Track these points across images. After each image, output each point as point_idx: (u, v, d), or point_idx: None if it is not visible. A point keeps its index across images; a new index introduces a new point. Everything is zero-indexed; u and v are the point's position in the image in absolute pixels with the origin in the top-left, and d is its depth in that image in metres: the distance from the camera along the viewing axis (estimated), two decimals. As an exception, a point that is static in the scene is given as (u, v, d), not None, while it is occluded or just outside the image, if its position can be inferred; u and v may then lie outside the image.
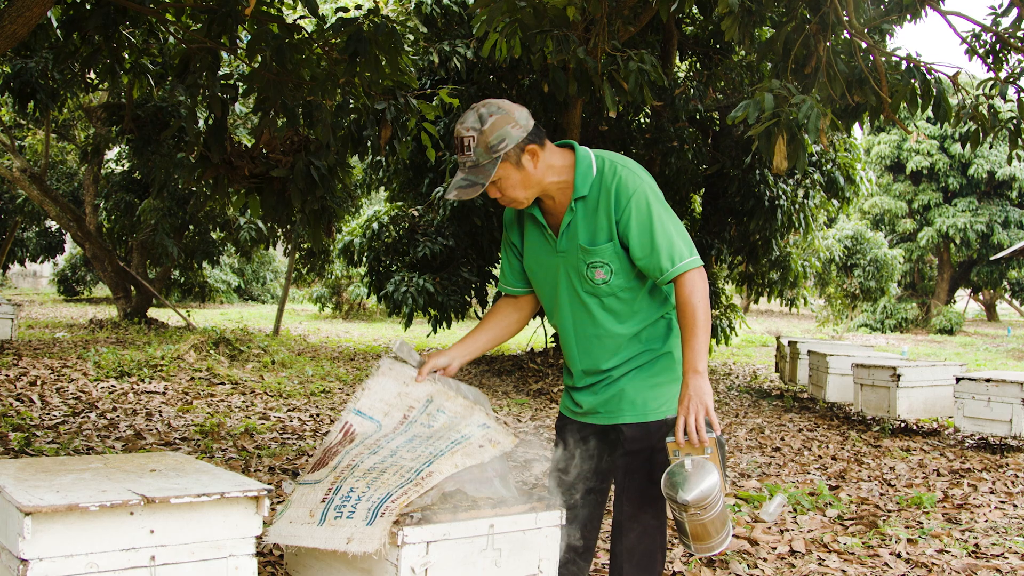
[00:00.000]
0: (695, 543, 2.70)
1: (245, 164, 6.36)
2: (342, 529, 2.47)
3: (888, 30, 7.65)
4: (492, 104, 2.69)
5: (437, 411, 2.67)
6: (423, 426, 2.65)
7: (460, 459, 2.49)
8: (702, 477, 2.58)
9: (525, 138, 2.69)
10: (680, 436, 2.64)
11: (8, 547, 2.07)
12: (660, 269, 2.75)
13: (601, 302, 2.83)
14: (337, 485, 2.54)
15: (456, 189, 2.69)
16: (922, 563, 4.64)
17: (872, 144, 30.48)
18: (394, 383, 2.74)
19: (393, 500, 2.39)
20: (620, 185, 2.74)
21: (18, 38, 4.20)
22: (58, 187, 21.32)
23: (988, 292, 35.66)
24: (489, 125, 2.65)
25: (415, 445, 2.57)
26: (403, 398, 2.71)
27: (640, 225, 2.73)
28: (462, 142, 2.68)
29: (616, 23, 7.19)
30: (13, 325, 12.39)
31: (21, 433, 6.49)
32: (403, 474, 2.45)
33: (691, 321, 2.71)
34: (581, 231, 2.79)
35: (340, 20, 5.82)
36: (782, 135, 5.54)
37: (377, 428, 2.68)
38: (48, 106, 8.89)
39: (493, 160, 2.65)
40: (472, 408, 2.69)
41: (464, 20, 11.35)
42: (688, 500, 2.56)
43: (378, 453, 2.58)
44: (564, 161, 2.80)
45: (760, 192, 12.06)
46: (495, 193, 2.75)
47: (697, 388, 2.65)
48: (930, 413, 9.01)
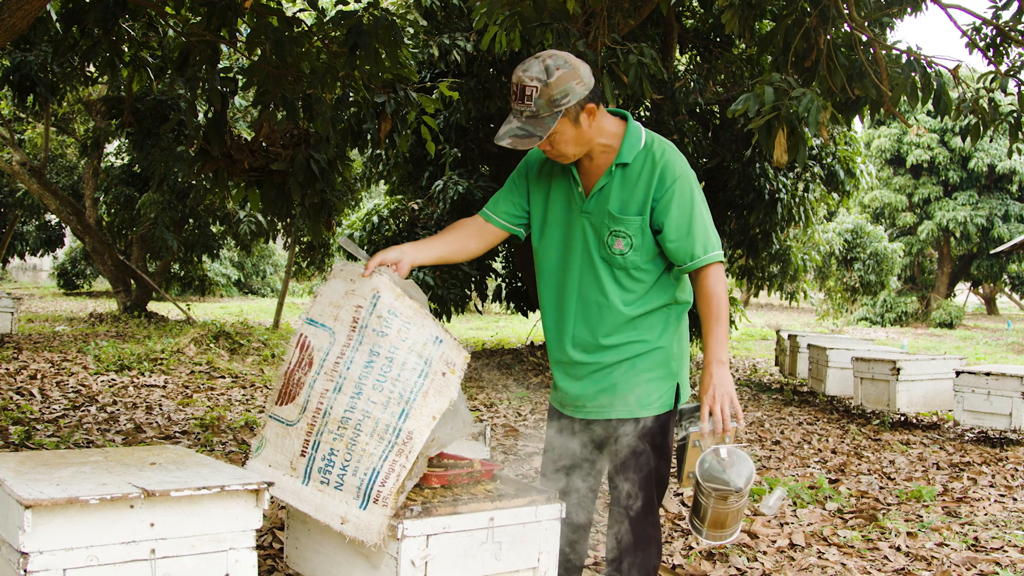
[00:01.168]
0: (711, 530, 2.69)
1: (245, 157, 6.35)
2: (332, 501, 2.49)
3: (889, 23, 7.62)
4: (559, 56, 2.66)
5: (388, 312, 2.55)
6: (377, 333, 2.53)
7: (432, 404, 2.46)
8: (743, 465, 2.60)
9: (587, 96, 2.66)
10: (706, 426, 2.64)
11: (8, 540, 2.08)
12: (692, 254, 2.75)
13: (612, 272, 2.81)
14: (314, 440, 2.55)
15: (511, 137, 2.65)
16: (922, 556, 4.64)
17: (872, 137, 30.44)
18: (342, 283, 2.66)
19: (383, 482, 2.40)
20: (668, 165, 2.74)
21: (17, 31, 4.19)
22: (58, 181, 21.30)
23: (988, 286, 35.66)
24: (556, 78, 2.61)
25: (378, 375, 2.50)
26: (350, 296, 2.61)
27: (680, 208, 2.73)
28: (523, 90, 2.63)
29: (616, 16, 7.18)
30: (13, 319, 12.40)
31: (21, 427, 6.49)
32: (382, 435, 2.44)
33: (716, 311, 2.74)
34: (614, 197, 2.77)
35: (340, 13, 5.81)
36: (782, 128, 5.53)
37: (331, 337, 2.60)
38: (48, 99, 8.87)
39: (554, 114, 2.62)
40: (422, 313, 2.58)
41: (464, 13, 11.32)
42: (741, 487, 2.56)
43: (343, 390, 2.52)
44: (615, 128, 2.79)
45: (760, 185, 12.05)
46: (545, 146, 2.71)
47: (722, 378, 2.67)
48: (930, 407, 9.02)
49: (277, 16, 5.60)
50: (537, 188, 2.93)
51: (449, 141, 11.53)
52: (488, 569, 2.47)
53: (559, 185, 2.88)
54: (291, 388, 2.64)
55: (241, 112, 13.84)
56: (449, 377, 2.50)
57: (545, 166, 2.92)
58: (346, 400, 2.51)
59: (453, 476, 2.63)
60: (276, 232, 17.88)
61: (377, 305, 2.57)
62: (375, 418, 2.46)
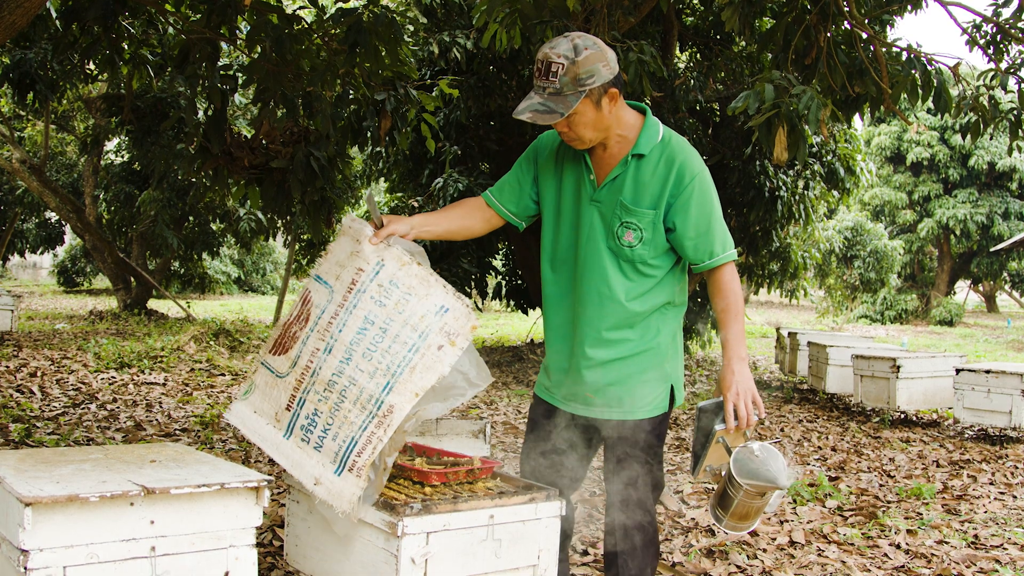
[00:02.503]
0: (733, 521, 2.70)
1: (245, 155, 6.35)
2: (309, 461, 2.52)
3: (889, 21, 7.61)
4: (588, 38, 2.65)
5: (390, 283, 2.53)
6: (375, 302, 2.52)
7: (418, 379, 2.44)
8: (778, 461, 2.62)
9: (611, 80, 2.65)
10: (731, 422, 2.65)
11: (8, 538, 2.08)
12: (710, 252, 2.76)
13: (619, 264, 2.79)
14: (300, 397, 2.56)
15: (532, 112, 2.63)
16: (921, 554, 4.64)
17: (872, 135, 30.42)
18: (349, 241, 2.63)
19: (359, 452, 2.42)
20: (686, 162, 2.73)
21: (17, 28, 4.18)
22: (58, 178, 21.29)
23: (988, 283, 35.66)
24: (584, 57, 2.60)
25: (370, 344, 2.49)
26: (355, 258, 2.58)
27: (700, 206, 2.73)
28: (548, 67, 2.61)
29: (616, 14, 7.17)
30: (13, 316, 12.39)
31: (21, 424, 6.49)
32: (364, 404, 2.45)
33: (733, 307, 2.76)
34: (627, 188, 2.75)
35: (340, 10, 5.80)
36: (782, 126, 5.53)
37: (329, 295, 2.59)
38: (47, 97, 8.86)
39: (578, 93, 2.60)
40: (428, 281, 2.55)
41: (464, 10, 11.31)
42: (785, 484, 2.58)
43: (333, 352, 2.51)
44: (633, 120, 2.79)
45: (760, 183, 12.05)
46: (564, 127, 2.69)
47: (743, 374, 2.69)
48: (930, 404, 9.02)
49: (277, 14, 5.59)
50: (547, 174, 2.91)
51: (449, 139, 11.52)
52: (488, 567, 2.47)
53: (570, 172, 2.85)
54: (286, 340, 2.64)
55: (241, 110, 13.82)
56: (446, 350, 2.47)
57: (557, 152, 2.89)
58: (335, 363, 2.51)
59: (453, 473, 2.63)
60: (276, 230, 17.86)
61: (379, 274, 2.55)
62: (360, 386, 2.47)
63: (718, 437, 2.66)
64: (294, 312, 2.67)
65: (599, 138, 2.74)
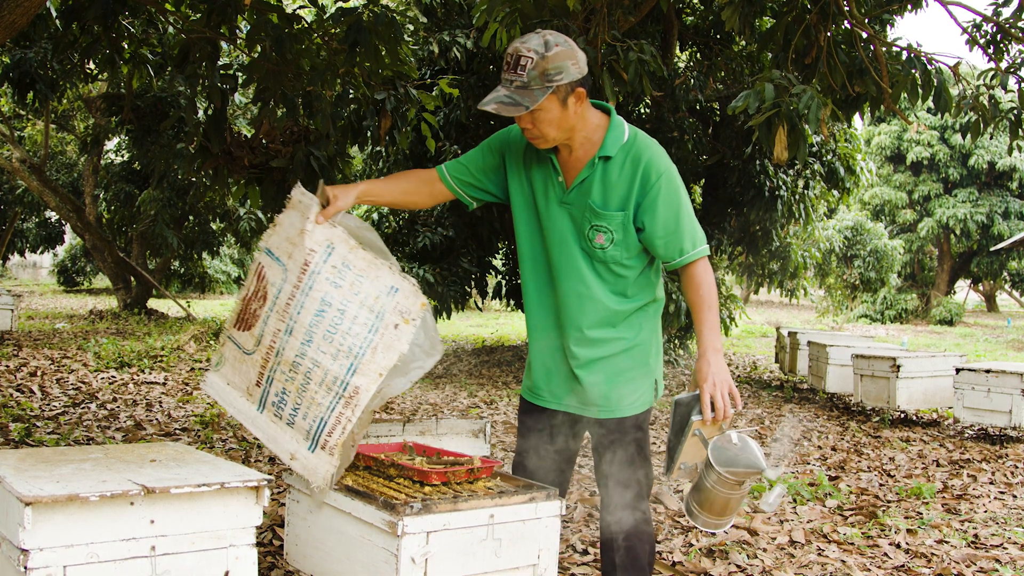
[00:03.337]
0: (710, 516, 2.69)
1: (245, 154, 6.35)
2: (284, 436, 2.59)
3: (889, 20, 7.61)
4: (560, 36, 2.64)
5: (343, 264, 2.55)
6: (331, 283, 2.54)
7: (381, 359, 2.48)
8: (755, 447, 2.61)
9: (579, 80, 2.65)
10: (707, 413, 2.63)
11: (9, 537, 2.08)
12: (680, 250, 2.75)
13: (593, 265, 2.80)
14: (268, 375, 2.61)
15: (497, 103, 2.62)
16: (921, 553, 4.64)
17: (872, 134, 30.42)
18: (298, 217, 2.62)
19: (330, 432, 2.50)
20: (652, 161, 2.72)
21: (17, 28, 4.18)
22: (58, 178, 21.29)
23: (988, 283, 35.66)
24: (553, 53, 2.59)
25: (329, 326, 2.52)
26: (304, 236, 2.58)
27: (667, 205, 2.72)
28: (518, 60, 2.60)
29: (616, 13, 7.17)
30: (13, 316, 12.39)
31: (21, 424, 6.49)
32: (330, 386, 2.49)
33: (707, 300, 2.75)
34: (595, 191, 2.75)
35: (340, 10, 5.80)
36: (783, 125, 5.53)
37: (284, 274, 2.60)
38: (47, 96, 8.86)
39: (544, 88, 2.59)
40: (376, 264, 2.57)
41: (464, 10, 11.31)
42: (766, 467, 2.57)
43: (294, 333, 2.54)
44: (598, 120, 2.77)
45: (760, 182, 12.05)
46: (527, 123, 2.68)
47: (718, 366, 2.68)
48: (930, 404, 9.02)
49: (277, 13, 5.60)
50: (515, 173, 2.89)
51: (449, 138, 11.52)
52: (488, 566, 2.47)
53: (539, 174, 2.84)
54: (248, 316, 2.66)
55: (241, 109, 13.83)
56: (402, 328, 2.50)
57: (525, 153, 2.87)
58: (297, 345, 2.54)
59: (453, 473, 2.63)
60: (276, 229, 17.84)
61: (332, 256, 2.56)
62: (324, 368, 2.50)
63: (694, 429, 2.64)
64: (251, 287, 2.68)
65: (562, 138, 2.73)
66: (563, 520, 4.25)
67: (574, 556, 4.32)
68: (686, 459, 2.68)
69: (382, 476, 2.68)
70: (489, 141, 2.95)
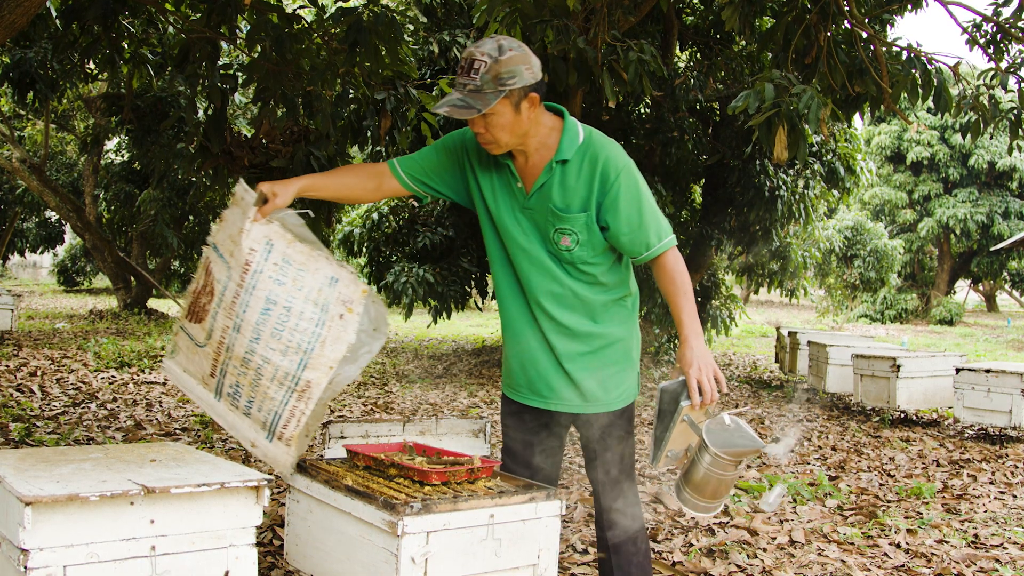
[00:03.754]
0: (703, 500, 2.71)
1: (245, 154, 6.35)
2: (242, 424, 2.63)
3: (889, 20, 7.62)
4: (513, 40, 2.65)
5: (283, 260, 2.55)
6: (274, 281, 2.54)
7: (330, 352, 2.51)
8: (747, 427, 2.65)
9: (533, 84, 2.65)
10: (695, 398, 2.64)
11: (9, 537, 2.08)
12: (647, 244, 2.76)
13: (562, 265, 2.82)
14: (221, 368, 2.62)
15: (449, 106, 2.62)
16: (921, 553, 4.64)
17: (872, 134, 30.42)
18: (240, 215, 2.62)
19: (285, 425, 2.53)
20: (609, 159, 2.72)
21: (17, 28, 4.18)
22: (58, 178, 21.29)
23: (988, 283, 35.65)
24: (507, 57, 2.60)
25: (276, 324, 2.52)
26: (243, 236, 2.57)
27: (628, 201, 2.73)
28: (471, 64, 2.61)
29: (616, 13, 7.16)
30: (13, 316, 12.40)
31: (21, 423, 6.50)
32: (281, 381, 2.51)
33: (681, 287, 2.76)
34: (556, 194, 2.75)
35: (340, 10, 5.80)
36: (783, 125, 5.53)
37: (228, 272, 2.59)
38: (47, 96, 8.87)
39: (497, 92, 2.60)
40: (314, 255, 2.57)
41: (464, 10, 11.31)
42: (763, 445, 2.61)
43: (242, 331, 2.55)
44: (552, 123, 2.77)
45: (760, 182, 12.05)
46: (480, 127, 2.68)
47: (701, 351, 2.70)
48: (930, 404, 9.02)
49: (277, 13, 5.59)
50: (476, 178, 2.89)
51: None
52: (488, 566, 2.47)
53: (499, 179, 2.85)
54: (198, 310, 2.66)
55: (241, 109, 13.83)
56: (347, 318, 2.52)
57: (484, 157, 2.87)
58: (246, 342, 2.55)
59: (453, 473, 2.63)
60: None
61: (272, 253, 2.56)
62: (275, 364, 2.52)
63: (684, 415, 2.66)
64: (200, 281, 2.68)
65: (515, 143, 2.73)
66: (563, 520, 4.25)
67: (574, 556, 4.32)
68: (674, 446, 2.71)
69: (382, 476, 2.68)
70: (443, 142, 2.94)
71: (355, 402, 8.95)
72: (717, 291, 14.03)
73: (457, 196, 2.95)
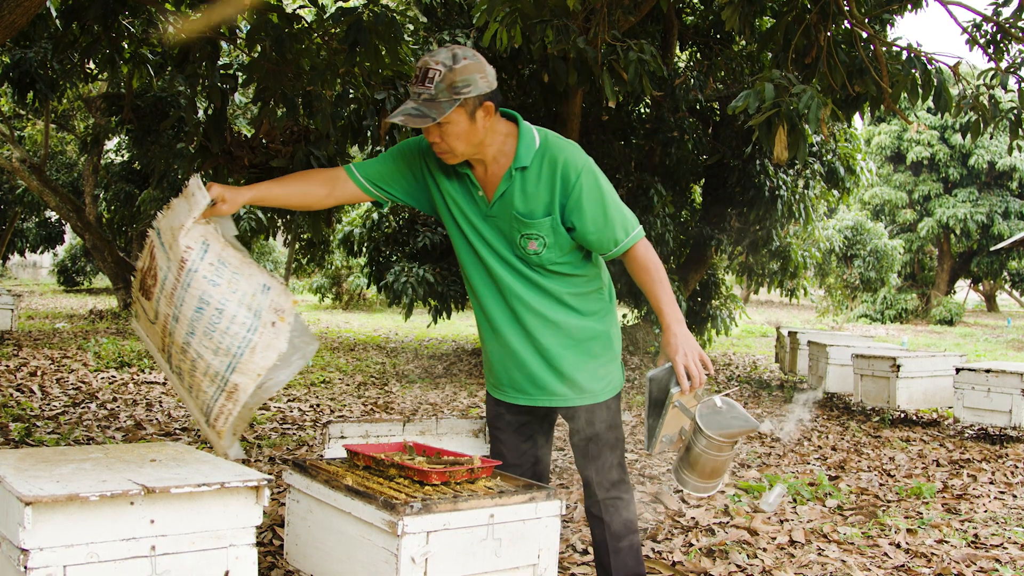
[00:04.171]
0: (701, 480, 2.77)
1: (245, 154, 6.35)
2: (190, 402, 2.68)
3: (889, 20, 7.62)
4: (468, 49, 2.66)
5: (219, 261, 2.55)
6: (208, 282, 2.53)
7: (260, 359, 2.51)
8: (738, 407, 2.70)
9: (488, 93, 2.66)
10: (684, 383, 2.68)
11: (8, 537, 2.08)
12: (615, 240, 2.78)
13: (531, 268, 2.83)
14: (167, 350, 2.65)
15: (404, 115, 2.63)
16: (921, 553, 4.64)
17: (872, 134, 30.42)
18: (186, 211, 2.59)
19: (216, 418, 2.57)
20: (568, 161, 2.73)
21: (17, 28, 4.18)
22: (58, 177, 21.29)
23: (988, 283, 35.65)
24: (461, 66, 2.61)
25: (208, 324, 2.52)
26: (181, 233, 2.55)
27: (592, 200, 2.74)
28: (426, 73, 2.62)
29: (616, 13, 7.17)
30: (13, 316, 12.40)
31: (21, 423, 6.50)
32: (213, 378, 2.54)
33: (656, 276, 2.80)
34: (518, 201, 2.75)
35: (340, 10, 5.80)
36: (783, 125, 5.53)
37: (167, 264, 2.58)
38: (47, 96, 8.87)
39: (452, 100, 2.60)
40: (247, 262, 2.58)
41: (464, 10, 11.31)
42: (757, 424, 2.67)
43: (179, 322, 2.56)
44: (507, 130, 2.78)
45: (760, 182, 12.05)
46: (435, 137, 2.68)
47: (684, 337, 2.74)
48: (930, 403, 9.02)
49: (277, 13, 5.60)
50: (438, 187, 2.89)
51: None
52: (488, 566, 2.47)
53: (460, 187, 2.85)
54: (146, 288, 2.67)
55: (241, 109, 13.82)
56: (279, 326, 2.53)
57: (443, 166, 2.86)
58: (183, 334, 2.57)
59: (453, 473, 2.63)
60: (276, 229, 17.81)
61: (207, 253, 2.56)
62: (207, 361, 2.54)
63: (675, 401, 2.70)
64: (145, 262, 2.68)
65: (471, 153, 2.73)
66: (563, 520, 4.25)
67: (574, 556, 4.32)
68: (668, 431, 2.76)
69: (382, 476, 2.68)
70: (400, 148, 2.93)
71: (355, 402, 8.95)
72: (717, 291, 14.04)
73: (417, 203, 2.95)
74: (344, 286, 26.26)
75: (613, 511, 3.03)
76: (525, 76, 11.13)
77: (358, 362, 12.56)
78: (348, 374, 11.15)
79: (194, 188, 2.62)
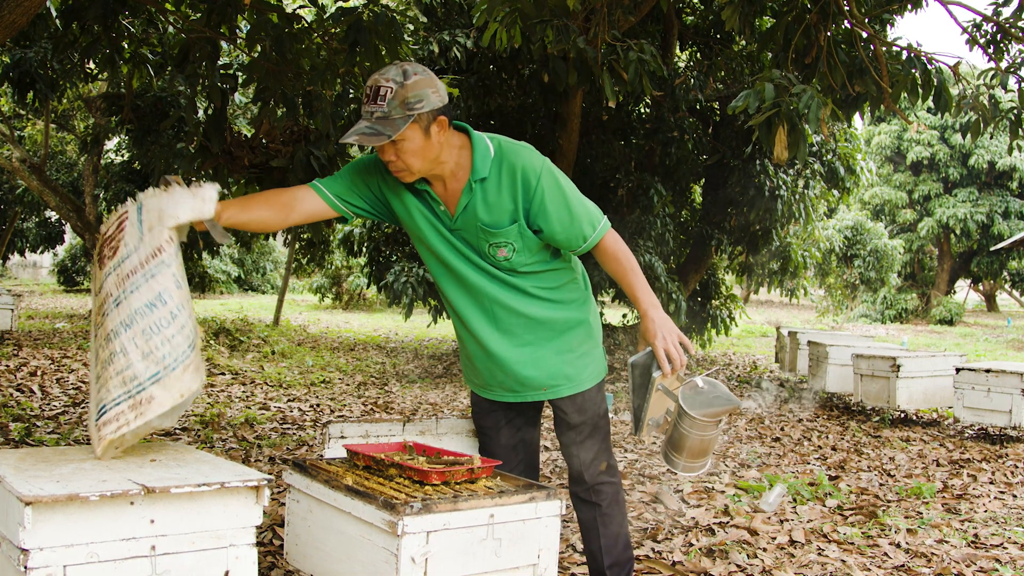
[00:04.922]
0: (689, 460, 2.82)
1: (245, 154, 6.35)
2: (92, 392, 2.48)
3: (889, 20, 7.62)
4: (417, 65, 2.66)
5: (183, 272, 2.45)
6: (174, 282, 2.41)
7: (188, 381, 2.40)
8: (721, 385, 2.75)
9: (440, 108, 2.65)
10: (666, 366, 2.72)
11: (8, 537, 2.08)
12: (583, 237, 2.80)
13: (502, 272, 2.85)
14: (99, 324, 2.46)
15: (358, 135, 2.60)
16: (921, 553, 4.64)
17: (872, 134, 30.43)
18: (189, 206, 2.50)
19: (104, 424, 2.37)
20: (526, 167, 2.73)
21: (17, 27, 4.18)
22: (58, 177, 21.28)
23: (988, 283, 35.63)
24: (412, 81, 2.60)
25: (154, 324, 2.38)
26: (176, 225, 2.46)
27: (555, 201, 2.74)
28: (377, 92, 2.60)
29: (616, 13, 7.17)
30: (13, 316, 12.39)
31: (21, 423, 6.50)
32: (126, 381, 2.38)
33: (627, 265, 2.83)
34: (481, 213, 2.75)
35: (340, 10, 5.81)
36: (783, 125, 5.53)
37: (138, 243, 2.43)
38: (47, 96, 8.87)
39: (406, 117, 2.59)
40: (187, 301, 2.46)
41: (464, 10, 11.31)
42: (739, 402, 2.71)
43: (120, 307, 2.40)
44: (460, 142, 2.77)
45: (760, 182, 12.05)
46: (390, 155, 2.66)
47: (662, 320, 2.78)
48: (930, 403, 9.02)
49: (277, 13, 5.60)
50: (400, 202, 2.87)
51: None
52: (488, 566, 2.47)
53: (421, 202, 2.84)
54: (101, 257, 2.51)
55: (241, 109, 13.82)
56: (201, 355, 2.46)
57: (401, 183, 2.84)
58: (117, 322, 2.40)
59: (453, 472, 2.63)
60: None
61: (179, 256, 2.48)
62: (129, 360, 2.38)
63: (657, 385, 2.74)
64: (109, 229, 2.51)
65: (427, 170, 2.72)
66: (563, 520, 4.25)
67: (574, 556, 4.32)
68: (653, 414, 2.82)
69: (382, 476, 2.68)
70: (357, 165, 2.90)
71: (355, 402, 8.96)
72: (717, 291, 14.04)
73: (382, 216, 2.95)
74: (344, 286, 26.26)
75: (603, 496, 3.06)
76: (525, 76, 11.13)
77: (358, 362, 12.56)
78: (348, 374, 11.14)
79: (207, 193, 2.53)
